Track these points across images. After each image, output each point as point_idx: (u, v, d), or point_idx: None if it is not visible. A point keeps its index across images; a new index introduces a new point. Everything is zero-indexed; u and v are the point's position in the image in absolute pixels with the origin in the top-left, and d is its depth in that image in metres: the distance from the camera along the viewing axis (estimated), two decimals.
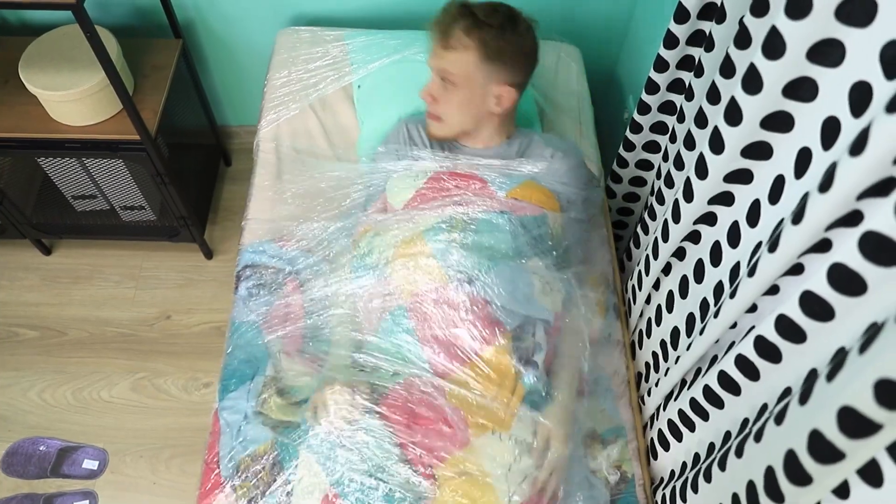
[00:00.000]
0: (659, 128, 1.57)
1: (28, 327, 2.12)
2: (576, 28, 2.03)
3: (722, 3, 1.16)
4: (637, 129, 1.59)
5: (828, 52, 0.85)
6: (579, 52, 1.97)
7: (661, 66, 1.42)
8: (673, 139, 1.45)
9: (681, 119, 1.39)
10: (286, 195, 1.66)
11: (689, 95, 1.33)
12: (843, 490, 0.79)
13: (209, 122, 2.29)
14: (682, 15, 1.31)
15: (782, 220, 0.95)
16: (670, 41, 1.37)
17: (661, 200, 1.44)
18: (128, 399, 2.00)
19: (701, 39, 1.33)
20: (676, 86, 1.46)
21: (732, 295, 1.03)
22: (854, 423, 0.71)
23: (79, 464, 1.87)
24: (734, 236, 1.11)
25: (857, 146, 0.71)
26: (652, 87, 1.48)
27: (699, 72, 1.28)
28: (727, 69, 1.09)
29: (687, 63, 1.40)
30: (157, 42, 1.95)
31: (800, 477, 0.81)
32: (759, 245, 1.03)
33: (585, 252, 1.56)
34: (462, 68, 1.37)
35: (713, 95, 1.15)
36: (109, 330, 2.12)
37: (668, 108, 1.52)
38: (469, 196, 1.42)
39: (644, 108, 1.54)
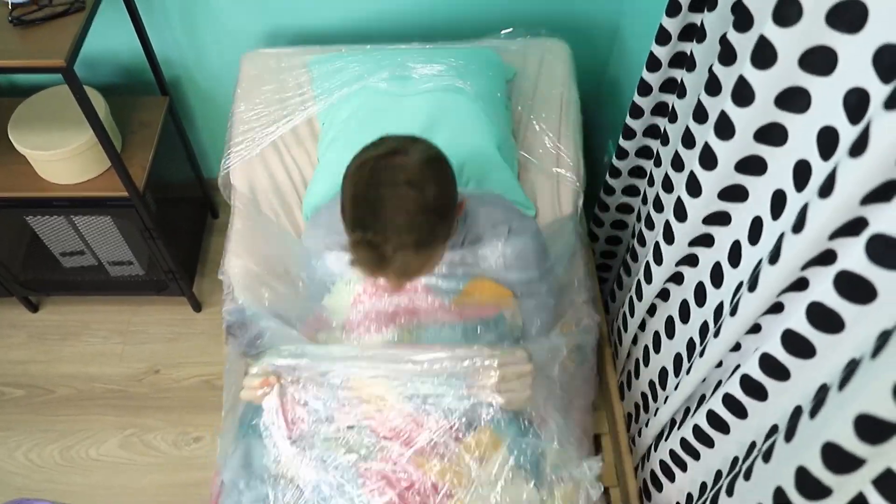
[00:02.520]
0: (637, 172, 1.61)
1: (15, 386, 2.10)
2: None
3: (692, 52, 1.21)
4: (616, 173, 1.63)
5: (795, 100, 0.89)
6: (567, 47, 1.86)
7: (636, 112, 1.47)
8: (651, 183, 1.48)
9: (658, 163, 1.43)
10: (256, 247, 1.58)
11: (665, 140, 1.37)
12: None
13: (196, 176, 2.31)
14: (654, 64, 1.35)
15: (761, 260, 0.98)
16: (644, 89, 1.41)
17: (642, 243, 1.47)
18: (117, 456, 1.98)
19: (673, 87, 1.37)
20: (652, 131, 1.50)
21: (717, 334, 1.05)
22: (838, 459, 0.72)
23: None
24: (717, 277, 1.13)
25: (826, 188, 0.74)
26: (629, 133, 1.52)
27: (673, 118, 1.32)
28: (700, 115, 1.13)
29: (661, 109, 1.45)
30: (145, 99, 1.98)
31: None
32: (740, 285, 1.06)
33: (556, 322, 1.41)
34: (436, 258, 1.19)
35: (688, 140, 1.19)
36: (98, 386, 2.11)
37: (645, 153, 1.56)
38: (414, 308, 1.30)
39: (622, 154, 1.57)
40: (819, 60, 0.83)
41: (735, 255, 1.08)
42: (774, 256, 0.86)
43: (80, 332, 2.21)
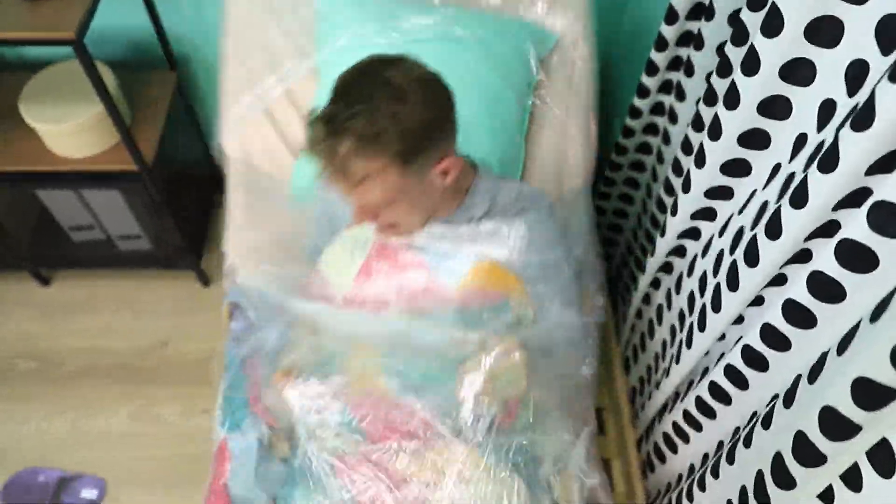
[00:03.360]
0: (644, 148, 1.62)
1: (26, 358, 2.13)
2: None
3: (689, 58, 1.22)
4: (622, 150, 1.64)
5: (800, 71, 0.90)
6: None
7: (635, 114, 1.49)
8: (661, 160, 1.49)
9: (660, 160, 1.45)
10: (258, 220, 1.53)
11: (666, 140, 1.39)
12: (827, 495, 0.81)
13: (204, 152, 2.33)
14: (651, 68, 1.38)
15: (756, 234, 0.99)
16: (642, 91, 1.44)
17: (650, 218, 1.48)
18: (126, 428, 2.01)
19: (670, 88, 1.40)
20: (652, 129, 1.52)
21: (717, 309, 1.06)
22: (834, 424, 0.73)
23: (77, 493, 1.87)
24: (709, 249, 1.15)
25: (829, 162, 0.75)
26: (628, 133, 1.54)
27: (673, 119, 1.34)
28: (709, 98, 1.14)
29: (659, 109, 1.47)
30: (154, 74, 1.99)
31: (786, 481, 0.83)
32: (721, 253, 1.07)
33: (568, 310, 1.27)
34: (387, 189, 1.07)
35: (697, 122, 1.20)
36: (107, 359, 2.13)
37: (652, 129, 1.57)
38: (416, 291, 1.23)
39: (622, 151, 1.59)
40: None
41: (724, 227, 1.10)
42: (776, 232, 0.87)
43: (89, 306, 2.24)
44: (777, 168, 0.97)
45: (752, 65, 0.92)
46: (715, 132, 1.05)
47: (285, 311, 1.27)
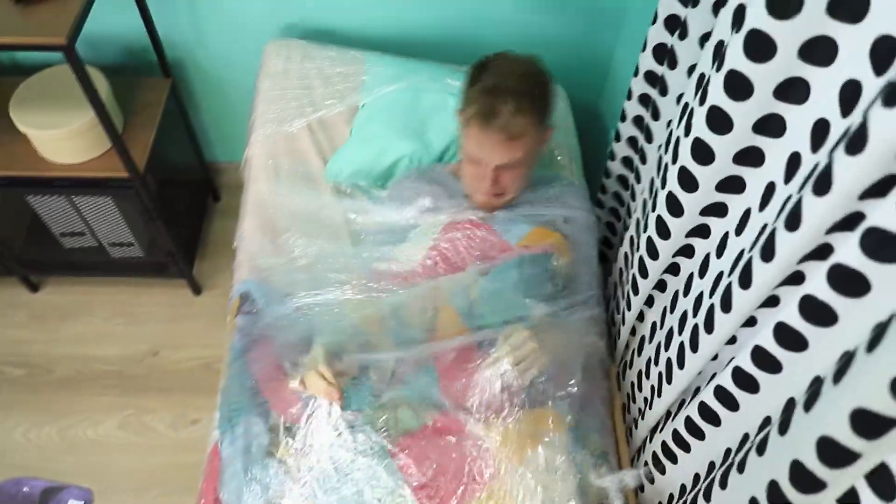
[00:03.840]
0: (627, 162, 1.62)
1: (15, 365, 2.11)
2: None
3: (662, 75, 1.21)
4: (612, 156, 1.63)
5: (794, 91, 0.88)
6: (564, 91, 2.01)
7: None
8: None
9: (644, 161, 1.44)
10: (281, 212, 1.67)
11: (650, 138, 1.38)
12: None
13: (198, 159, 2.31)
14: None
15: (752, 257, 0.97)
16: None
17: (634, 239, 1.47)
18: (115, 437, 1.99)
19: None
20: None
21: (710, 330, 1.04)
22: (833, 453, 0.72)
23: None
24: (705, 268, 1.13)
25: (823, 185, 0.73)
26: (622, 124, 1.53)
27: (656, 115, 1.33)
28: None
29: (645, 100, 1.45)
30: (147, 80, 1.98)
31: None
32: (720, 275, 1.06)
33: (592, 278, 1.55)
34: (527, 147, 1.37)
35: (686, 131, 1.18)
36: (97, 367, 2.11)
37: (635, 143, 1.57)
38: (485, 249, 1.45)
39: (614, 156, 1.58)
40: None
41: (722, 247, 1.08)
42: (769, 254, 0.86)
43: (79, 313, 2.22)
44: (772, 187, 0.95)
45: (743, 87, 0.91)
46: (706, 154, 1.03)
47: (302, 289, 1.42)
